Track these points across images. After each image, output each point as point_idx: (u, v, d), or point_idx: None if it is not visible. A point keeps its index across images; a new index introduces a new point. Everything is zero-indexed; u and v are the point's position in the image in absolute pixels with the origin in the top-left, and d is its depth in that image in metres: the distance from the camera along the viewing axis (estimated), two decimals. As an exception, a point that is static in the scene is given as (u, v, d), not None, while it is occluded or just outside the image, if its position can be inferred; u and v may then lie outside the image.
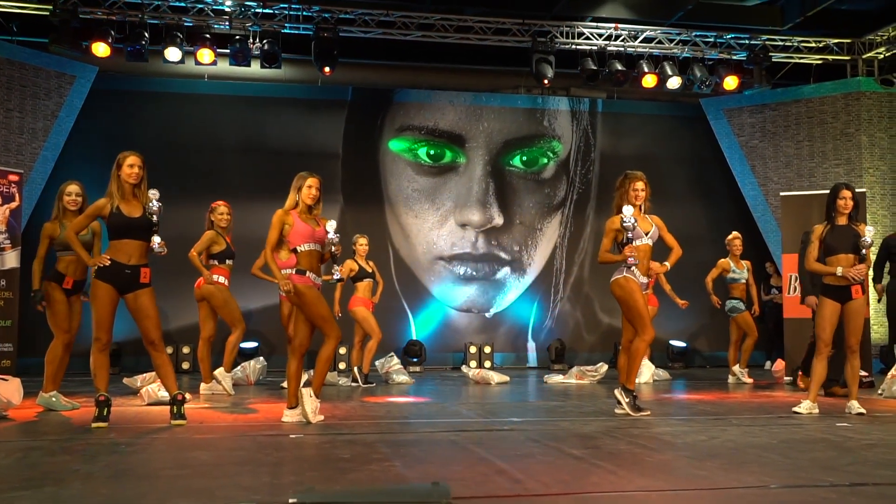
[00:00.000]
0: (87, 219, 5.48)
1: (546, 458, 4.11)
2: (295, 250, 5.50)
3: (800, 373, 8.17)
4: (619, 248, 5.97)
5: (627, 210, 5.80)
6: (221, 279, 7.44)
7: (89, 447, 4.40)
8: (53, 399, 6.16)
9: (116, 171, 5.37)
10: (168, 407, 5.43)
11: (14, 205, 8.26)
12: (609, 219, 6.02)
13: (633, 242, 5.86)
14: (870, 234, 5.93)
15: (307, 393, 5.39)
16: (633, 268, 5.85)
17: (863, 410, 5.93)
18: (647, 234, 5.92)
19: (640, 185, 5.95)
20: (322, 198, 5.60)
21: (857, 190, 6.48)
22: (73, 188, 6.27)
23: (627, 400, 5.86)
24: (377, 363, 9.30)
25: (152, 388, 6.66)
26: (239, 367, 8.86)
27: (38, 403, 6.18)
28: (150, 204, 5.48)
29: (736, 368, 9.21)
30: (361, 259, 8.76)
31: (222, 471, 3.77)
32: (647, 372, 9.36)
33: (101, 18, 10.09)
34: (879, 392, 7.54)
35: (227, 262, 7.55)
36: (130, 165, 5.37)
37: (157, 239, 5.54)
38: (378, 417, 5.94)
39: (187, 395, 6.82)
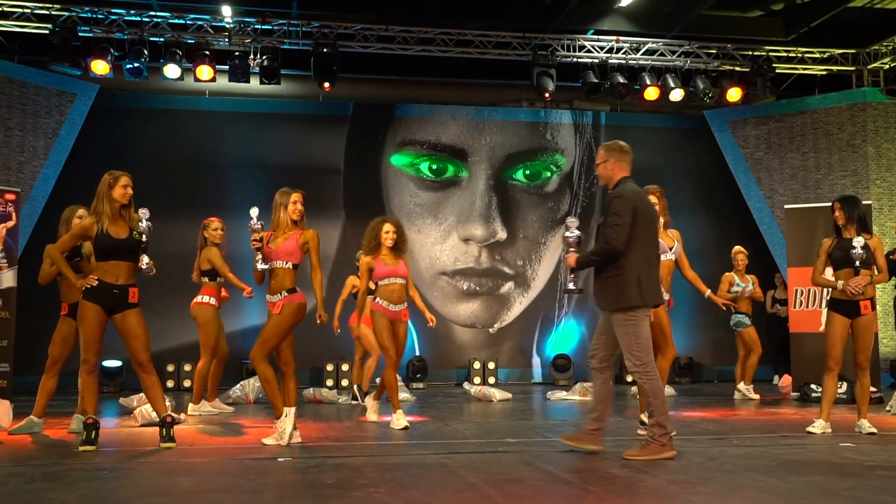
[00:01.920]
0: (73, 239, 5.36)
1: (536, 483, 3.99)
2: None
3: None
4: None
5: None
6: (212, 300, 7.31)
7: (72, 473, 4.32)
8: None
9: (108, 190, 5.28)
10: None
11: (10, 224, 8.19)
12: None
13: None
14: (859, 243, 5.79)
15: (293, 412, 5.35)
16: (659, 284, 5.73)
17: (874, 430, 5.79)
18: (670, 250, 5.82)
19: (651, 199, 5.84)
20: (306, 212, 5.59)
21: (863, 202, 6.37)
22: (82, 212, 6.12)
23: None
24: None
25: (146, 408, 6.58)
26: (238, 386, 8.78)
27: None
28: (140, 224, 5.43)
29: (741, 386, 9.03)
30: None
31: (202, 498, 3.68)
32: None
33: (101, 36, 10.07)
34: (888, 409, 7.39)
35: (218, 279, 7.43)
36: (125, 186, 5.31)
37: (145, 259, 5.49)
38: (371, 438, 5.84)
39: (182, 416, 6.79)
